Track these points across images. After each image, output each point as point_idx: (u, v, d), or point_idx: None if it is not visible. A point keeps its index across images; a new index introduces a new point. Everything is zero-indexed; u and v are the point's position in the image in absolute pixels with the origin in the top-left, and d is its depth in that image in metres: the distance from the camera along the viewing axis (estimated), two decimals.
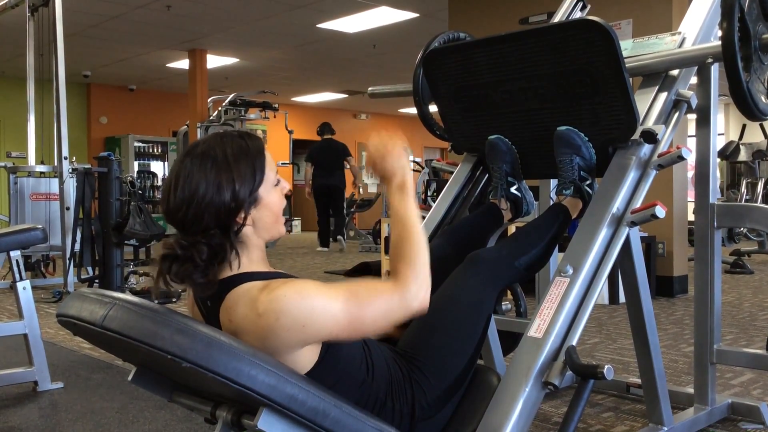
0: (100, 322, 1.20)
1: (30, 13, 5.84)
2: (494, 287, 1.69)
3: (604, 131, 1.95)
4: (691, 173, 6.63)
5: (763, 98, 1.97)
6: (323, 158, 8.98)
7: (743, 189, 8.41)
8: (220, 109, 9.42)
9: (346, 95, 13.57)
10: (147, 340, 1.15)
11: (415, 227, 1.40)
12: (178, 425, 2.38)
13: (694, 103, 2.04)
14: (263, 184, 1.33)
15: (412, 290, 1.33)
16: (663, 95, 2.02)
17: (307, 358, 1.29)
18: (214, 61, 10.33)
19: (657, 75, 2.06)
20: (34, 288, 3.16)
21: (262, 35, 8.96)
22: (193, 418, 2.40)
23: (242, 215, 1.31)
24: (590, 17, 1.85)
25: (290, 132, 10.63)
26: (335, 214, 9.27)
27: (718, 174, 2.67)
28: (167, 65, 10.87)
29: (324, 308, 1.25)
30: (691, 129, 2.88)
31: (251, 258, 1.34)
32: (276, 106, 9.67)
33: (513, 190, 2.14)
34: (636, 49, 2.15)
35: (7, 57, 9.88)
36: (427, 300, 1.35)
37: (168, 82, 12.22)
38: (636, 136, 1.90)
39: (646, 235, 5.13)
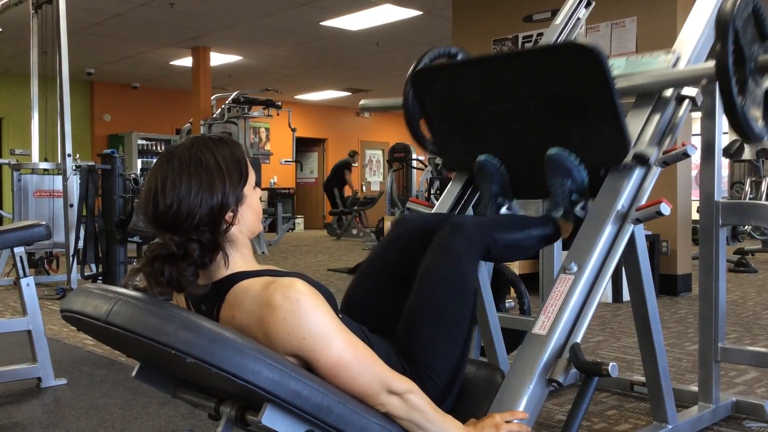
0: (104, 318, 1.20)
1: (34, 10, 5.83)
2: (474, 255, 1.69)
3: (596, 154, 1.90)
4: (695, 171, 6.61)
5: (758, 122, 1.92)
6: (335, 169, 12.89)
7: (747, 187, 8.39)
8: (223, 106, 9.41)
9: (349, 93, 13.56)
10: (151, 336, 1.15)
11: None
12: (182, 421, 2.38)
13: (699, 100, 2.00)
14: (247, 184, 1.38)
15: (395, 398, 1.32)
16: (656, 116, 1.95)
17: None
18: (217, 59, 10.32)
19: (651, 95, 1.99)
20: (37, 285, 3.16)
21: (265, 33, 8.96)
22: (197, 414, 2.40)
23: (230, 214, 1.34)
24: (579, 41, 1.80)
25: (293, 130, 10.63)
26: (342, 206, 12.50)
27: (723, 172, 2.66)
28: (171, 63, 10.87)
29: (325, 331, 1.27)
30: (696, 128, 2.87)
31: (243, 255, 1.38)
32: (279, 103, 9.65)
33: (503, 210, 2.12)
34: (629, 67, 2.08)
35: (10, 54, 9.89)
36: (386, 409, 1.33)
37: (171, 80, 12.22)
38: (628, 159, 1.85)
39: (649, 233, 5.12)
